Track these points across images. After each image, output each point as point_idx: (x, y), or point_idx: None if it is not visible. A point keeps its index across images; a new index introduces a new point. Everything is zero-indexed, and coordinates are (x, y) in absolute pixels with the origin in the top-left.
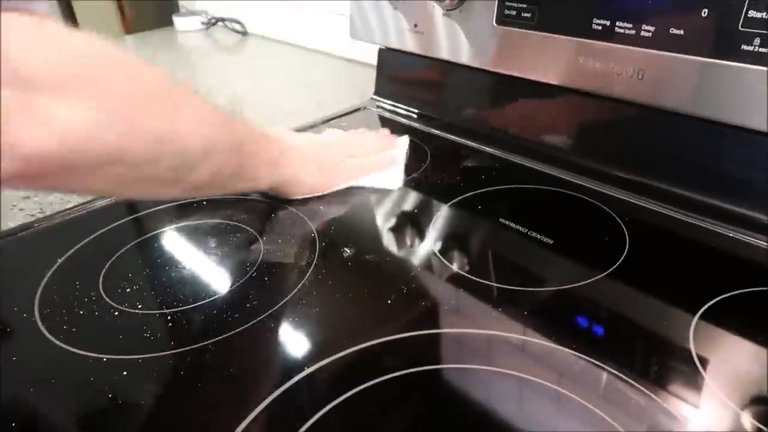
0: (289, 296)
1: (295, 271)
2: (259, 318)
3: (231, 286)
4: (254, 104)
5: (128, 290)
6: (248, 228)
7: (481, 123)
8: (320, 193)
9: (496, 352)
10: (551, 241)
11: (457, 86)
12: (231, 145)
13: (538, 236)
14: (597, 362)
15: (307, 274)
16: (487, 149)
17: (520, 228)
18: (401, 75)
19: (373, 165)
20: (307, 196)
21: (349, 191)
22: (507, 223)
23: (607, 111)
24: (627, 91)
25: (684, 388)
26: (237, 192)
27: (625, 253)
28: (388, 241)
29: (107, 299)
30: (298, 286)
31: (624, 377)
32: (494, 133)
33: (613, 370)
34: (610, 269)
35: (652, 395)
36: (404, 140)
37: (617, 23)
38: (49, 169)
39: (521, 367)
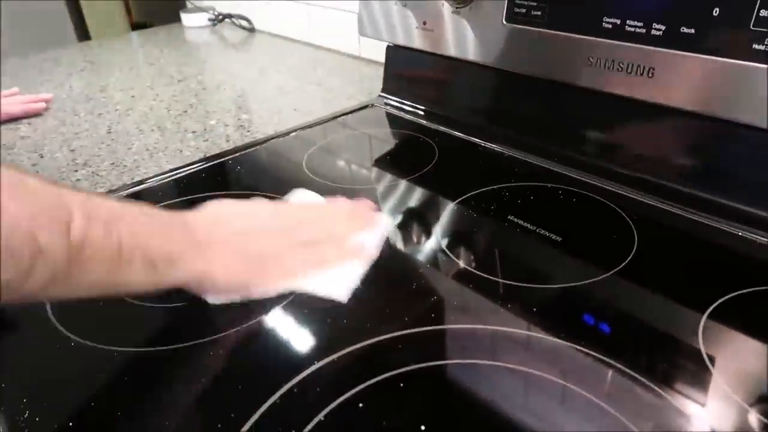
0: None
1: None
2: (267, 314)
3: None
4: (261, 101)
5: None
6: None
7: (489, 120)
8: (243, 298)
9: (501, 348)
10: (559, 239)
11: (465, 84)
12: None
13: (547, 234)
14: (604, 358)
15: None
16: (495, 147)
17: (528, 225)
18: (409, 72)
19: (336, 256)
20: (225, 301)
21: None
22: (515, 220)
23: (618, 110)
24: (637, 90)
25: (693, 386)
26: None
27: (633, 252)
28: (395, 238)
29: None
30: None
31: (632, 374)
32: (502, 130)
33: (620, 366)
34: (618, 267)
35: (661, 392)
36: (386, 221)
37: (627, 22)
38: None
39: (526, 363)
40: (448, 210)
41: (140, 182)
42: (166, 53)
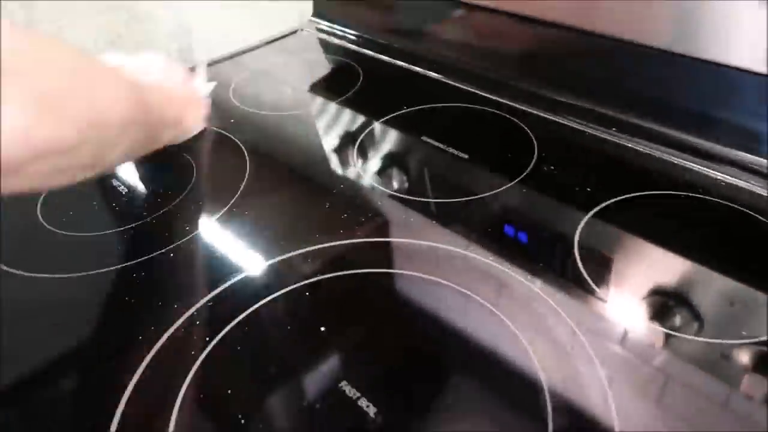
0: (225, 209)
1: (229, 188)
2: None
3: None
4: (194, 30)
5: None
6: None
7: (414, 43)
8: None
9: (403, 254)
10: (466, 156)
11: (396, 8)
12: (144, 118)
13: (455, 151)
14: (488, 261)
15: (240, 190)
16: (421, 71)
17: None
18: None
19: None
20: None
21: None
22: (427, 140)
23: (536, 33)
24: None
25: (562, 278)
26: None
27: (532, 164)
28: (315, 157)
29: (46, 225)
30: (233, 200)
31: (504, 269)
32: (429, 55)
33: (496, 264)
34: (520, 177)
35: (531, 285)
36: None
37: None
38: None
39: (426, 267)
40: (367, 131)
41: None
42: None
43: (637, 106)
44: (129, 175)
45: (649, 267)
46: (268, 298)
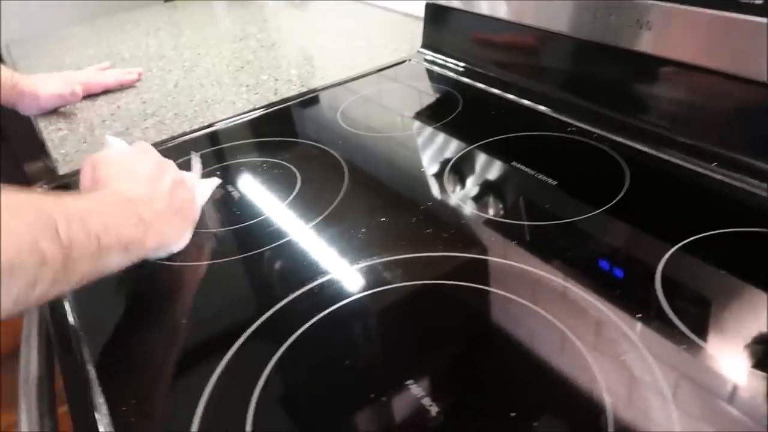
0: (321, 217)
1: (327, 199)
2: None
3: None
4: (311, 57)
5: None
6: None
7: (518, 77)
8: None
9: (493, 273)
10: (555, 182)
11: (501, 42)
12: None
13: (543, 177)
14: (561, 280)
15: (336, 201)
16: (515, 99)
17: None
18: (447, 29)
19: (192, 195)
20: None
21: None
22: (518, 165)
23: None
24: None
25: (643, 308)
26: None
27: (622, 193)
28: (409, 175)
29: None
30: (329, 210)
31: (580, 293)
32: (531, 85)
33: (572, 286)
34: (608, 205)
35: (609, 312)
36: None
37: None
38: None
39: (505, 285)
40: (460, 155)
41: (197, 130)
42: (232, 13)
43: (739, 141)
44: (243, 182)
45: (739, 306)
46: (351, 299)
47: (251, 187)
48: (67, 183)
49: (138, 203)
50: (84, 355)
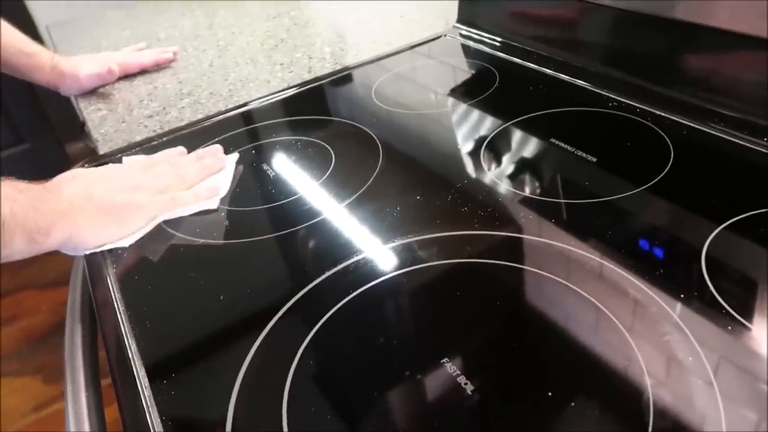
0: (356, 195)
1: (362, 177)
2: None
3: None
4: (344, 35)
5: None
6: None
7: (556, 51)
8: (125, 243)
9: (529, 251)
10: (594, 159)
11: (538, 15)
12: None
13: (583, 154)
14: (595, 257)
15: (371, 179)
16: (554, 74)
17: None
18: (483, 3)
19: (189, 198)
20: (95, 250)
21: None
22: (556, 142)
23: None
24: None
25: (686, 288)
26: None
27: (667, 169)
28: (444, 153)
29: None
30: (364, 188)
31: (622, 273)
32: (570, 59)
33: (612, 265)
34: (653, 181)
35: (651, 293)
36: (232, 158)
37: None
38: None
39: (541, 263)
40: (495, 132)
41: (232, 109)
42: None
43: None
44: (277, 161)
45: None
46: (385, 277)
47: (286, 166)
48: (107, 162)
49: (60, 193)
50: (125, 330)
